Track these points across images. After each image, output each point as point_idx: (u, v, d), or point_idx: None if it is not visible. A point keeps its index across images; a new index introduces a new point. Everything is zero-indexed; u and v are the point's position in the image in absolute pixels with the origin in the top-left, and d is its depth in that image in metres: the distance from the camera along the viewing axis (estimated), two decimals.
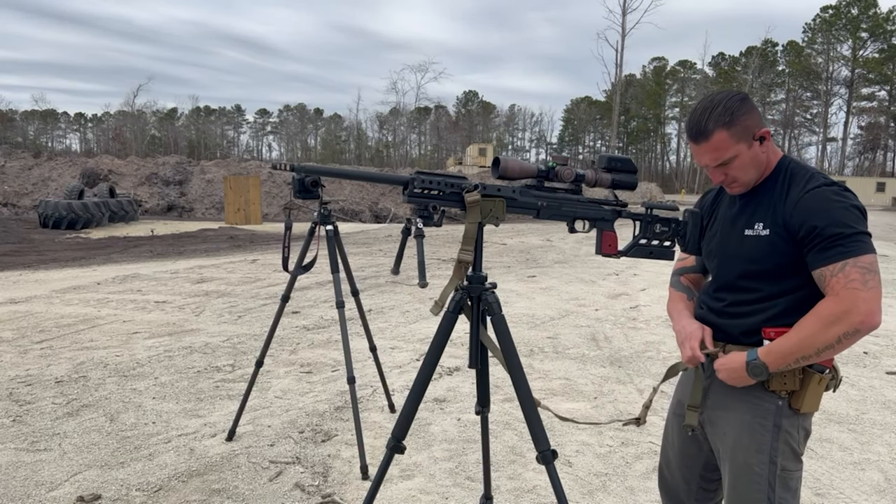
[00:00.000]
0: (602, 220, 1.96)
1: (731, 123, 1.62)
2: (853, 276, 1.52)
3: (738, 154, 1.65)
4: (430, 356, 1.88)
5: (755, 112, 1.67)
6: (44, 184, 25.26)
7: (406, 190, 1.75)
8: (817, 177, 1.64)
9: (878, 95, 72.01)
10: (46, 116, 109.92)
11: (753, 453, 1.68)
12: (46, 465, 3.28)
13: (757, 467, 1.67)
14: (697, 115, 1.67)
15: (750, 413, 1.70)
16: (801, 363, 1.60)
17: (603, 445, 3.60)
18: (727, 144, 1.64)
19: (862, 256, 1.53)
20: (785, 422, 1.67)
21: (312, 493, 3.02)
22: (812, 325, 1.57)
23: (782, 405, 1.67)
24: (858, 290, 1.51)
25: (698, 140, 1.67)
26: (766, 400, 1.68)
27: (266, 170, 27.01)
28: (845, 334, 1.53)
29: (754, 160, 1.67)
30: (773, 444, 1.67)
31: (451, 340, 3.36)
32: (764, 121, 1.72)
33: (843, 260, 1.53)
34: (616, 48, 51.04)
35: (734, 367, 1.67)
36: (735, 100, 1.65)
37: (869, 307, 1.51)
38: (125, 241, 15.32)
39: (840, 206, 1.57)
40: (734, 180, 1.70)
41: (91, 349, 5.45)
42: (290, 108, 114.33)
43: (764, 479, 1.66)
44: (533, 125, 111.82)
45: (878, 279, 1.53)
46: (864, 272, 1.52)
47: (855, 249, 1.53)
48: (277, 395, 4.37)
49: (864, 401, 4.42)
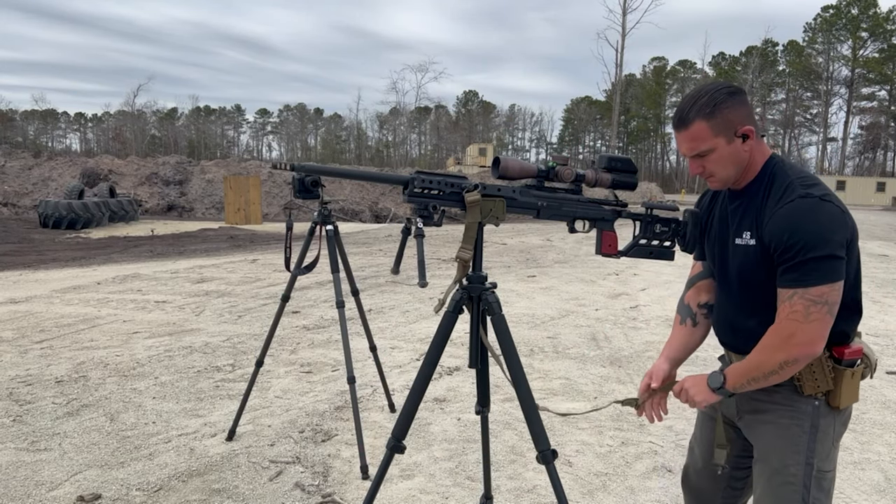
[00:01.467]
0: (602, 220, 1.95)
1: (712, 115, 1.59)
2: (797, 307, 1.53)
3: (715, 147, 1.62)
4: (430, 356, 1.88)
5: (742, 108, 1.62)
6: (44, 184, 25.27)
7: (406, 189, 1.75)
8: (795, 185, 1.58)
9: (879, 95, 72.05)
10: (46, 116, 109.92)
11: (790, 454, 1.65)
12: (46, 464, 3.29)
13: (793, 468, 1.64)
14: (683, 102, 1.66)
15: (787, 416, 1.67)
16: (752, 385, 1.63)
17: (603, 445, 3.60)
18: (705, 136, 1.61)
19: (812, 288, 1.51)
20: (822, 422, 1.65)
21: (312, 493, 3.02)
22: (760, 351, 1.60)
23: (819, 405, 1.65)
24: (798, 323, 1.52)
25: (678, 127, 1.66)
26: (802, 402, 1.65)
27: (266, 170, 27.00)
28: (785, 362, 1.56)
29: (733, 157, 1.63)
30: (811, 446, 1.64)
31: (451, 340, 3.37)
32: (753, 118, 1.66)
33: (794, 289, 1.54)
34: (616, 48, 51.06)
35: (698, 380, 1.74)
36: (722, 92, 1.61)
37: (808, 338, 1.53)
38: (125, 240, 15.32)
39: (809, 222, 1.52)
40: (711, 175, 1.68)
41: (91, 349, 5.46)
42: (290, 107, 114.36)
43: (799, 480, 1.64)
44: (533, 125, 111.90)
45: (824, 310, 1.52)
46: (810, 304, 1.51)
47: (808, 279, 1.51)
48: (277, 394, 4.37)
49: (864, 401, 4.42)
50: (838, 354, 1.63)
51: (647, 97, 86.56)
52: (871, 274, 10.60)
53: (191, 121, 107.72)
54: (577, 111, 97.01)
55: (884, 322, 6.95)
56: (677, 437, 3.73)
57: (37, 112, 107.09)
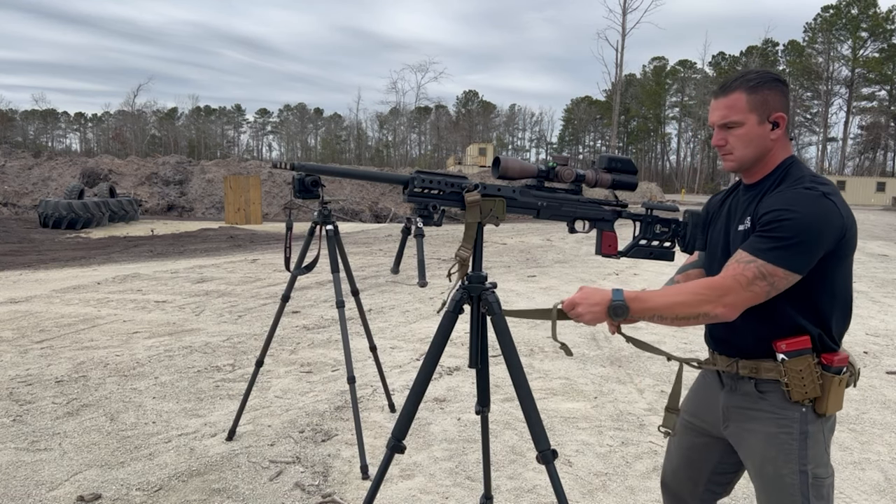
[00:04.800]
0: (602, 220, 1.95)
1: (754, 90, 1.62)
2: (747, 273, 1.53)
3: (745, 122, 1.63)
4: (430, 356, 1.88)
5: (783, 98, 1.64)
6: (44, 183, 25.26)
7: (406, 189, 1.75)
8: (805, 179, 1.59)
9: (879, 95, 72.01)
10: (46, 116, 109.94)
11: (782, 463, 1.63)
12: (46, 464, 3.29)
13: (788, 478, 1.63)
14: (731, 76, 1.69)
15: (775, 424, 1.65)
16: (656, 320, 1.60)
17: (603, 445, 3.60)
18: (741, 106, 1.63)
19: (770, 264, 1.51)
20: (811, 427, 1.63)
21: (312, 493, 3.02)
22: (687, 293, 1.58)
23: (806, 412, 1.63)
24: (739, 286, 1.53)
25: (718, 94, 1.68)
26: (790, 409, 1.64)
27: (266, 169, 27.00)
28: (706, 314, 1.56)
29: (758, 138, 1.64)
30: (802, 453, 1.62)
31: (451, 340, 3.37)
32: (789, 112, 1.68)
33: (753, 256, 1.54)
34: (616, 48, 51.03)
35: (596, 300, 1.60)
36: (770, 76, 1.65)
37: (737, 304, 1.54)
38: (125, 240, 15.32)
39: (802, 207, 1.52)
40: (730, 152, 1.68)
41: (91, 349, 5.45)
42: (291, 107, 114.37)
43: (797, 489, 1.61)
44: (533, 125, 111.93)
45: (765, 289, 1.52)
46: (758, 277, 1.52)
47: (771, 254, 1.51)
48: (277, 394, 4.37)
49: (864, 401, 4.42)
50: (827, 361, 1.61)
51: (647, 97, 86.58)
52: (871, 274, 10.60)
53: (191, 121, 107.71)
54: (577, 111, 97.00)
55: (884, 322, 6.95)
56: None
57: (37, 112, 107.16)
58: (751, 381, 1.69)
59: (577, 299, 1.63)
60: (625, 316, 1.59)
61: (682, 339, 5.93)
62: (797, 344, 1.60)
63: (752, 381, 1.69)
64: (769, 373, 1.64)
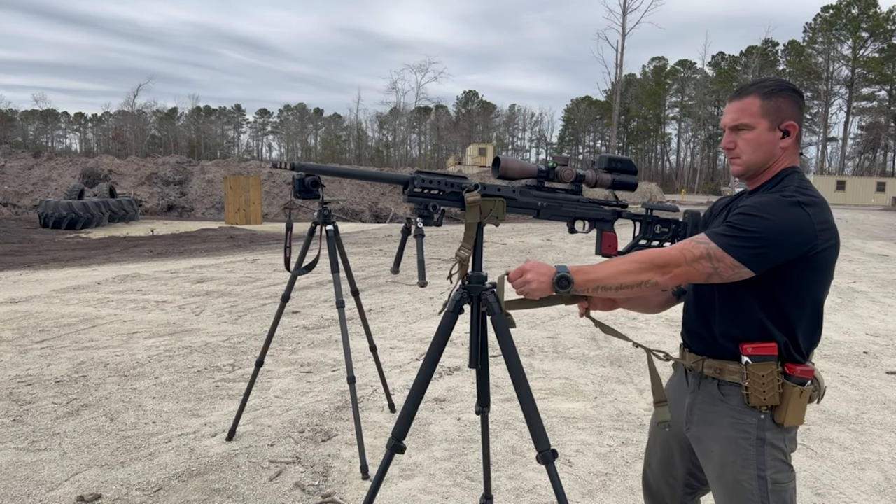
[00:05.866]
0: (602, 220, 1.95)
1: (769, 96, 1.64)
2: (695, 250, 1.55)
3: (755, 126, 1.65)
4: (430, 356, 1.88)
5: (797, 107, 1.66)
6: (44, 184, 25.26)
7: (406, 189, 1.75)
8: (790, 188, 1.59)
9: (878, 95, 72.01)
10: (46, 116, 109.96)
11: (740, 469, 1.62)
12: (46, 464, 3.29)
13: (746, 483, 1.61)
14: (750, 80, 1.73)
15: (733, 428, 1.64)
16: (599, 291, 1.62)
17: (603, 445, 3.60)
18: (753, 110, 1.64)
19: (720, 249, 1.53)
20: (769, 434, 1.61)
21: (312, 493, 3.02)
22: (629, 264, 1.59)
23: (765, 418, 1.62)
24: (685, 260, 1.55)
25: (734, 98, 1.70)
26: (748, 414, 1.63)
27: (266, 169, 27.00)
28: (647, 282, 1.57)
29: (767, 144, 1.65)
30: (760, 458, 1.61)
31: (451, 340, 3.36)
32: (802, 123, 1.68)
33: (708, 238, 1.56)
34: (616, 48, 51.02)
35: (543, 271, 1.63)
36: (786, 85, 1.67)
37: (678, 277, 1.56)
38: (125, 240, 15.32)
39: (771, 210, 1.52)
40: (738, 155, 1.69)
41: (91, 349, 5.46)
42: (291, 107, 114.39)
43: (756, 495, 1.60)
44: (533, 125, 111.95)
45: (708, 270, 1.54)
46: (705, 257, 1.54)
47: (724, 241, 1.53)
48: (277, 394, 4.37)
49: (864, 401, 4.42)
50: (790, 371, 1.60)
51: (647, 97, 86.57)
52: (871, 274, 10.60)
53: (191, 121, 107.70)
54: (577, 111, 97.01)
55: (884, 322, 6.95)
56: None
57: (37, 112, 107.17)
58: (714, 381, 1.69)
59: (526, 267, 1.66)
60: (569, 287, 1.61)
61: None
62: (763, 350, 1.60)
63: (715, 382, 1.69)
64: (732, 375, 1.64)
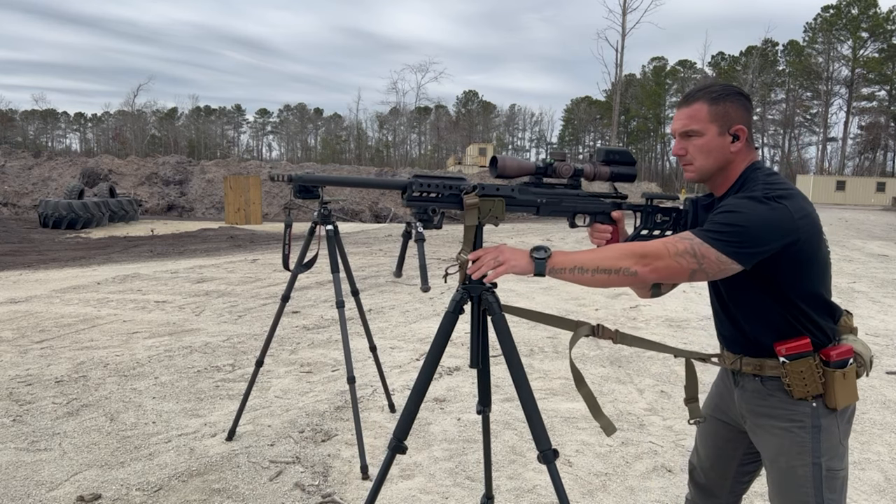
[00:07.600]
0: (602, 213, 1.95)
1: (716, 102, 1.66)
2: (679, 245, 1.56)
3: (705, 133, 1.67)
4: (431, 356, 1.88)
5: (745, 111, 1.68)
6: (44, 183, 25.26)
7: (405, 194, 1.75)
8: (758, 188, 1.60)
9: (878, 95, 71.93)
10: (46, 116, 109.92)
11: (795, 455, 1.64)
12: (46, 464, 3.28)
13: (801, 469, 1.63)
14: (694, 87, 1.73)
15: (788, 419, 1.66)
16: (576, 274, 1.62)
17: (603, 445, 3.60)
18: (701, 117, 1.66)
19: (704, 245, 1.54)
20: (824, 421, 1.63)
21: (312, 493, 3.02)
22: (610, 251, 1.61)
23: (817, 406, 1.63)
24: (668, 254, 1.56)
25: (681, 104, 1.72)
26: (800, 405, 1.64)
27: (266, 170, 27.00)
28: (626, 270, 1.57)
29: (718, 150, 1.67)
30: (815, 445, 1.62)
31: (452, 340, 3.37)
32: (751, 126, 1.70)
33: (694, 234, 1.57)
34: (616, 48, 51.00)
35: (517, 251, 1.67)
36: (732, 89, 1.68)
37: (660, 270, 1.56)
38: (125, 240, 15.32)
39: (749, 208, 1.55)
40: (690, 162, 1.71)
41: (91, 349, 5.45)
42: (291, 108, 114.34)
43: (809, 482, 1.62)
44: (533, 125, 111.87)
45: (692, 265, 1.55)
46: (689, 252, 1.55)
47: (707, 237, 1.55)
48: (277, 394, 4.37)
49: (864, 401, 4.42)
50: (826, 357, 1.62)
51: (646, 97, 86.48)
52: (871, 274, 10.60)
53: (191, 121, 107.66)
54: (577, 111, 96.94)
55: (884, 322, 6.95)
56: (677, 437, 3.73)
57: (37, 112, 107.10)
58: (756, 378, 1.71)
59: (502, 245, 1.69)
60: (545, 257, 1.61)
61: (682, 340, 5.93)
62: (797, 347, 1.62)
63: (757, 379, 1.71)
64: (772, 370, 1.66)
